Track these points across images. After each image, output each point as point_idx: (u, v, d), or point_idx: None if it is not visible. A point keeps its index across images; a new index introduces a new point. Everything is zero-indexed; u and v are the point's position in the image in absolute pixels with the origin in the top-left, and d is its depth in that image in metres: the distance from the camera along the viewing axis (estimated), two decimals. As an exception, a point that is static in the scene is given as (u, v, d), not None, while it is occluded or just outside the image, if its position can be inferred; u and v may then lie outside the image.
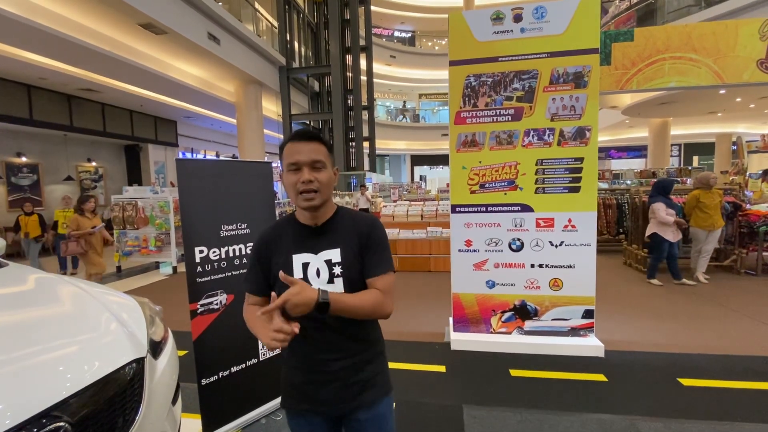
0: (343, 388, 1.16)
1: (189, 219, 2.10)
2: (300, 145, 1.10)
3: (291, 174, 1.10)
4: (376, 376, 1.22)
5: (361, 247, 1.16)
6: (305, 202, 1.10)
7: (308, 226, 1.17)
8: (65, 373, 1.23)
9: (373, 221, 1.21)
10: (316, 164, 1.10)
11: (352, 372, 1.17)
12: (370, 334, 1.23)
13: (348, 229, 1.18)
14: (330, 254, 1.14)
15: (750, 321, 3.88)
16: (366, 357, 1.20)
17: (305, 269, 1.14)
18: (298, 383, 1.18)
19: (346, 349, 1.16)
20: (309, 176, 1.08)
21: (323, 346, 1.15)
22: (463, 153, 3.31)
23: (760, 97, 11.03)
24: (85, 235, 5.04)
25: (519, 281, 3.31)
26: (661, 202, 5.04)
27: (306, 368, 1.17)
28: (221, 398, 2.20)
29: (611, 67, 3.17)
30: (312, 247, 1.15)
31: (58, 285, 1.87)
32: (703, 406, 2.46)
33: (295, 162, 1.09)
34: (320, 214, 1.16)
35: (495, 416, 2.41)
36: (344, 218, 1.20)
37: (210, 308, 2.15)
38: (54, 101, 9.28)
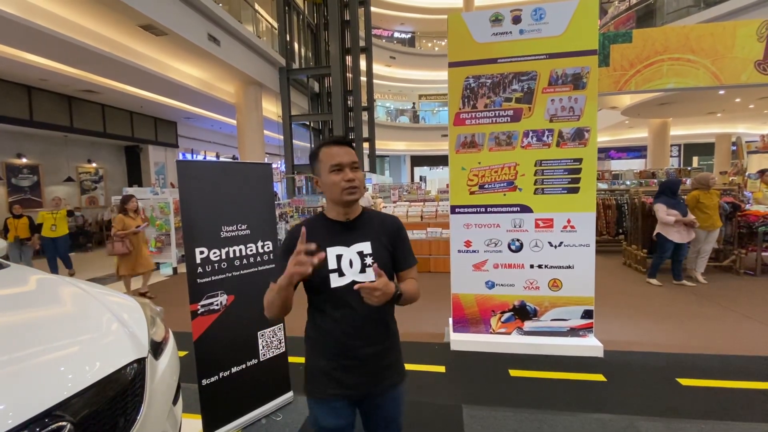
0: (370, 373, 1.28)
1: (189, 220, 2.11)
2: (340, 149, 1.25)
3: (334, 174, 1.24)
4: (397, 361, 1.36)
5: (390, 241, 1.32)
6: (350, 196, 1.24)
7: (339, 221, 1.30)
8: (67, 374, 1.24)
9: (398, 220, 1.39)
10: (354, 165, 1.26)
11: (378, 358, 1.29)
12: (391, 323, 1.37)
13: (376, 226, 1.32)
14: (361, 247, 1.28)
15: (749, 321, 3.89)
16: (389, 344, 1.33)
17: (339, 260, 1.26)
18: (328, 369, 1.28)
19: (374, 336, 1.29)
20: (352, 175, 1.23)
21: (355, 333, 1.26)
22: (463, 154, 3.32)
23: (759, 97, 11.04)
24: (130, 234, 5.09)
25: (518, 282, 3.32)
26: (661, 202, 5.04)
27: (337, 354, 1.27)
28: (221, 398, 2.21)
29: (610, 68, 3.18)
30: (344, 240, 1.28)
31: (59, 286, 1.88)
32: (701, 405, 2.47)
33: (339, 163, 1.23)
34: (353, 210, 1.30)
35: (494, 416, 2.42)
36: (371, 216, 1.36)
37: (210, 309, 2.16)
38: (54, 102, 9.29)
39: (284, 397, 2.54)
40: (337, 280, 1.25)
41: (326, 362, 1.28)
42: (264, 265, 2.42)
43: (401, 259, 1.34)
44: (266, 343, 2.42)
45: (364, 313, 1.24)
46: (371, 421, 1.37)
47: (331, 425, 1.29)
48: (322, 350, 1.29)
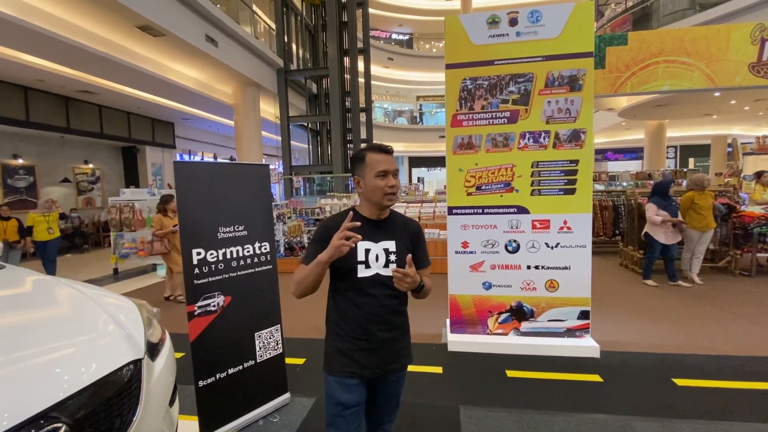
0: (386, 354, 1.45)
1: (186, 221, 2.11)
2: (386, 156, 1.41)
3: (379, 179, 1.39)
4: (408, 345, 1.54)
5: (412, 242, 1.49)
6: (389, 201, 1.41)
7: (371, 220, 1.45)
8: (63, 375, 1.24)
9: (419, 225, 1.57)
10: (396, 172, 1.42)
11: (393, 342, 1.46)
12: (405, 311, 1.52)
13: (400, 227, 1.50)
14: (387, 244, 1.44)
15: (744, 321, 3.91)
16: (403, 329, 1.51)
17: (367, 254, 1.41)
18: (347, 350, 1.43)
19: (392, 322, 1.45)
20: (395, 182, 1.41)
21: (375, 319, 1.41)
22: (460, 155, 3.33)
23: (754, 99, 11.12)
24: (168, 234, 5.10)
25: (515, 283, 3.33)
26: (653, 203, 5.08)
27: (358, 337, 1.42)
28: (218, 400, 2.20)
29: (606, 70, 3.20)
30: (374, 237, 1.43)
31: (55, 287, 1.87)
32: (697, 405, 2.49)
33: (385, 170, 1.39)
34: (385, 212, 1.47)
35: (491, 417, 2.43)
36: (397, 218, 1.53)
37: (207, 310, 2.16)
38: (51, 103, 9.26)
39: (281, 398, 2.54)
40: (364, 271, 1.41)
41: (347, 344, 1.42)
42: (261, 266, 2.42)
43: (419, 259, 1.50)
44: (263, 344, 2.42)
45: (385, 302, 1.42)
46: (376, 397, 1.52)
47: (346, 399, 1.42)
48: (344, 333, 1.43)
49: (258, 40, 10.73)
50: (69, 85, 8.59)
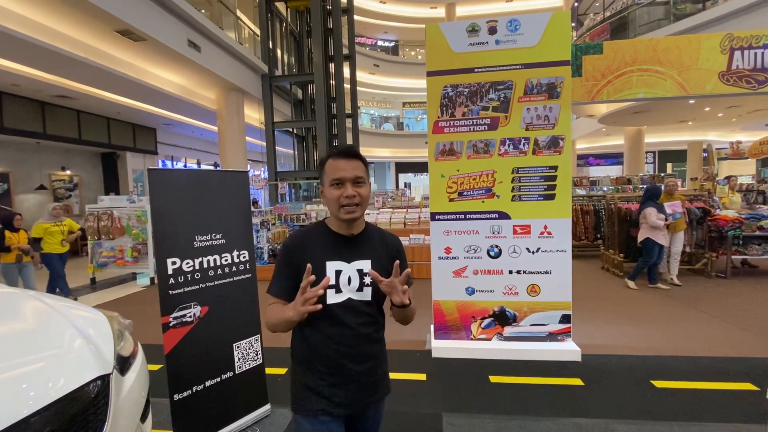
0: (360, 389, 1.25)
1: (161, 229, 2.06)
2: (343, 162, 1.20)
3: (334, 189, 1.19)
4: (384, 375, 1.34)
5: (390, 262, 1.24)
6: (347, 215, 1.19)
7: (342, 235, 1.26)
8: (28, 391, 1.19)
9: (399, 240, 1.38)
10: (358, 180, 1.20)
11: (369, 373, 1.27)
12: (382, 337, 1.34)
13: (377, 244, 1.30)
14: (362, 264, 1.24)
15: (719, 322, 4.01)
16: (379, 360, 1.31)
17: (338, 276, 1.22)
18: (317, 386, 1.23)
19: (367, 353, 1.26)
20: (352, 191, 1.18)
21: (348, 351, 1.22)
22: (442, 161, 3.35)
23: (727, 106, 11.53)
24: None
25: (498, 288, 3.35)
26: (651, 207, 5.18)
27: (327, 371, 1.22)
28: (195, 413, 2.14)
29: (582, 78, 3.27)
30: (345, 256, 1.24)
31: (21, 300, 1.80)
32: (674, 407, 2.53)
33: (340, 178, 1.18)
34: (356, 225, 1.26)
35: (474, 423, 2.42)
36: (373, 233, 1.33)
37: (183, 321, 2.11)
38: (26, 108, 8.99)
39: (262, 410, 2.48)
40: (334, 297, 1.21)
41: (316, 379, 1.23)
42: (240, 275, 2.38)
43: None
44: (242, 355, 2.37)
45: (360, 330, 1.23)
46: None
47: None
48: (312, 366, 1.24)
49: (242, 45, 10.66)
50: (45, 89, 8.36)
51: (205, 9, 9.48)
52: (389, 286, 1.16)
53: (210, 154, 16.47)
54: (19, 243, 5.08)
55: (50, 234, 5.49)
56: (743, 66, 3.19)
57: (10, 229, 5.13)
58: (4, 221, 5.17)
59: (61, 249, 5.61)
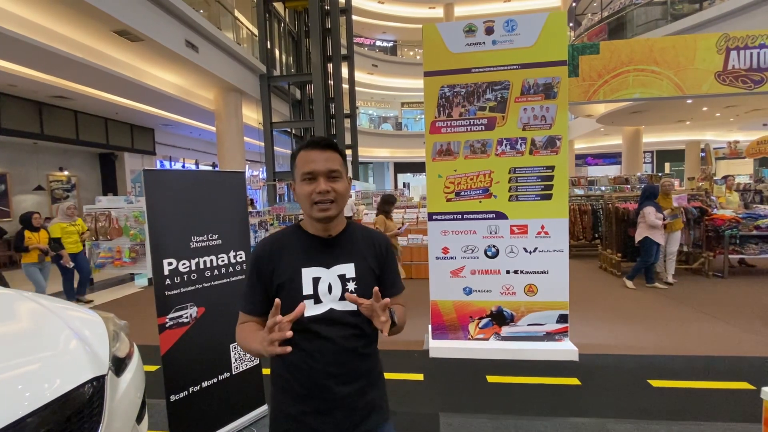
0: (348, 415, 1.07)
1: (157, 230, 2.06)
2: (315, 153, 1.05)
3: (305, 184, 1.05)
4: (381, 398, 1.16)
5: (378, 263, 1.13)
6: (321, 213, 1.04)
7: (319, 237, 1.10)
8: (24, 392, 1.20)
9: (387, 239, 1.20)
10: (333, 173, 1.05)
11: (357, 397, 1.08)
12: (375, 350, 1.15)
13: (362, 244, 1.13)
14: (343, 269, 1.08)
15: (716, 322, 4.02)
16: (371, 379, 1.12)
17: (316, 284, 1.06)
18: (298, 414, 1.06)
19: (355, 371, 1.08)
20: (325, 186, 1.03)
21: (331, 370, 1.05)
22: (439, 162, 3.35)
23: (725, 106, 11.55)
24: (393, 236, 4.85)
25: (495, 287, 3.35)
26: (650, 206, 5.17)
27: (308, 396, 1.06)
28: (192, 414, 2.14)
29: (579, 78, 3.28)
30: (324, 260, 1.08)
31: (16, 301, 1.80)
32: (671, 406, 2.53)
33: (311, 171, 1.04)
34: (333, 225, 1.11)
35: (471, 423, 2.42)
36: (357, 232, 1.16)
37: (179, 322, 2.10)
38: (24, 109, 8.97)
39: (259, 410, 2.48)
40: (312, 308, 1.05)
41: (296, 406, 1.06)
42: (236, 275, 2.38)
43: (389, 284, 1.16)
44: (239, 355, 2.37)
45: (344, 344, 1.06)
46: None
47: None
48: (291, 391, 1.07)
49: (240, 45, 10.65)
50: (43, 90, 8.34)
51: (202, 9, 9.47)
52: (369, 310, 0.99)
53: (208, 154, 16.45)
54: (39, 243, 5.04)
55: (67, 234, 5.47)
56: (739, 66, 3.20)
57: (30, 229, 5.06)
58: (23, 221, 5.11)
59: (77, 248, 5.61)
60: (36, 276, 5.07)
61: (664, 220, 5.12)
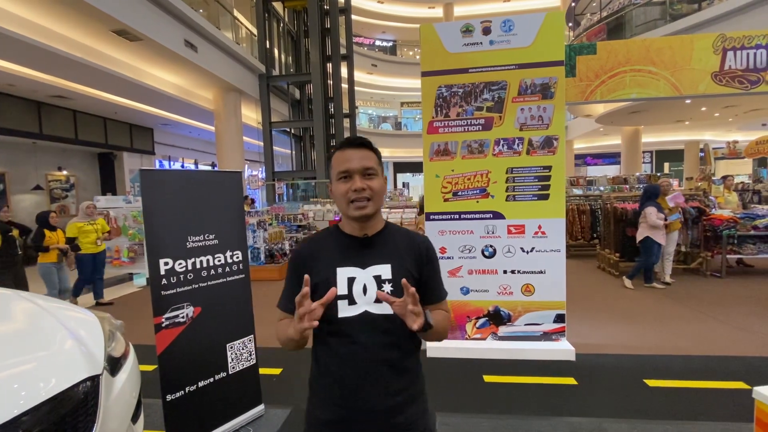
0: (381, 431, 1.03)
1: (153, 230, 2.07)
2: (350, 152, 1.04)
3: (341, 183, 1.04)
4: (418, 420, 1.07)
5: (419, 266, 1.08)
6: (357, 211, 1.03)
7: (356, 237, 1.09)
8: (19, 391, 1.20)
9: (429, 241, 1.16)
10: (368, 171, 1.04)
11: (393, 413, 1.02)
12: (414, 366, 1.09)
13: (401, 245, 1.09)
14: (379, 270, 1.05)
15: (714, 321, 4.03)
16: (408, 396, 1.05)
17: (350, 284, 1.03)
18: (329, 423, 1.04)
19: (389, 384, 1.02)
20: (361, 184, 1.02)
21: (364, 378, 1.01)
22: (436, 162, 3.36)
23: (724, 106, 11.56)
24: None
25: (492, 287, 3.36)
26: (652, 206, 5.17)
27: (340, 404, 1.03)
28: (188, 414, 2.14)
29: (576, 78, 3.28)
30: (360, 260, 1.06)
31: (13, 301, 1.80)
32: (667, 406, 2.54)
33: (346, 170, 1.03)
34: (371, 225, 1.08)
35: (467, 423, 2.43)
36: (396, 233, 1.13)
37: (176, 321, 2.11)
38: (22, 108, 8.96)
39: (255, 410, 2.48)
40: (347, 309, 1.02)
41: (327, 413, 1.04)
42: (233, 275, 2.38)
43: (430, 289, 1.10)
44: (236, 355, 2.37)
45: (379, 353, 1.01)
46: None
47: None
48: (324, 395, 1.05)
49: (239, 45, 10.66)
50: (41, 89, 8.34)
51: (201, 9, 9.47)
52: (401, 308, 0.94)
53: (207, 154, 16.44)
54: (58, 242, 5.00)
55: (84, 233, 5.32)
56: (736, 66, 3.20)
57: (48, 228, 5.00)
58: (41, 220, 5.04)
59: (96, 248, 5.47)
60: (51, 276, 5.00)
61: (666, 220, 5.12)
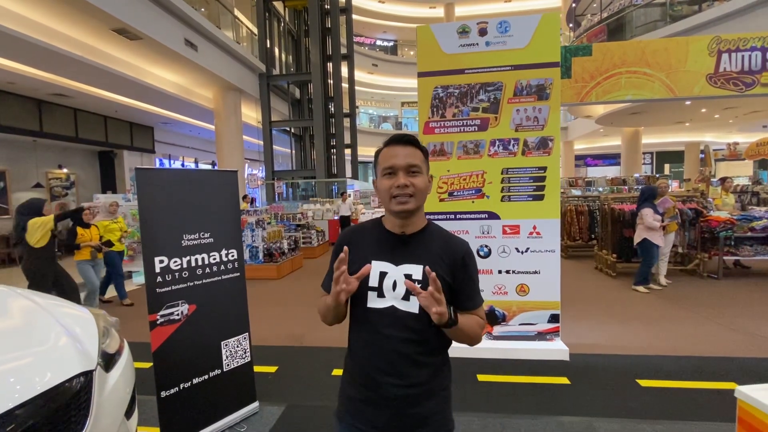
0: (399, 417, 1.06)
1: (149, 228, 2.09)
2: (397, 149, 1.06)
3: (386, 179, 1.06)
4: (440, 413, 1.10)
5: (452, 272, 1.08)
6: (399, 206, 1.04)
7: (394, 234, 1.11)
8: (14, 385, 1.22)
9: (468, 247, 1.14)
10: (412, 168, 1.05)
11: (409, 403, 1.06)
12: (437, 362, 1.11)
13: (437, 248, 1.09)
14: (411, 269, 1.06)
15: (708, 323, 4.04)
16: (427, 389, 1.07)
17: (381, 279, 1.07)
18: (356, 399, 1.11)
19: (407, 376, 1.05)
20: (404, 180, 1.03)
21: (382, 366, 1.06)
22: (432, 162, 3.37)
23: (724, 107, 11.56)
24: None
25: (487, 287, 3.37)
26: (648, 208, 5.17)
27: (364, 384, 1.09)
28: (182, 410, 2.17)
29: (572, 80, 3.30)
30: (394, 257, 1.08)
31: (9, 298, 1.82)
32: (658, 405, 2.56)
33: (391, 166, 1.05)
34: (410, 223, 1.09)
35: (459, 421, 2.40)
36: (435, 234, 1.13)
37: (170, 319, 2.13)
38: (23, 106, 9.00)
39: (249, 407, 2.51)
40: (375, 301, 1.07)
41: (355, 390, 1.11)
42: (228, 273, 2.40)
43: (464, 296, 1.10)
44: (230, 353, 2.40)
45: (400, 347, 1.05)
46: None
47: None
48: (352, 374, 1.14)
49: (239, 44, 10.68)
50: (42, 88, 8.37)
51: (202, 8, 9.50)
52: (427, 300, 0.96)
53: (207, 152, 16.47)
54: (91, 240, 4.97)
55: (110, 231, 5.32)
56: (730, 68, 3.22)
57: (81, 225, 4.98)
58: (74, 218, 4.99)
59: (120, 246, 5.46)
60: (89, 273, 4.99)
61: (663, 222, 5.13)
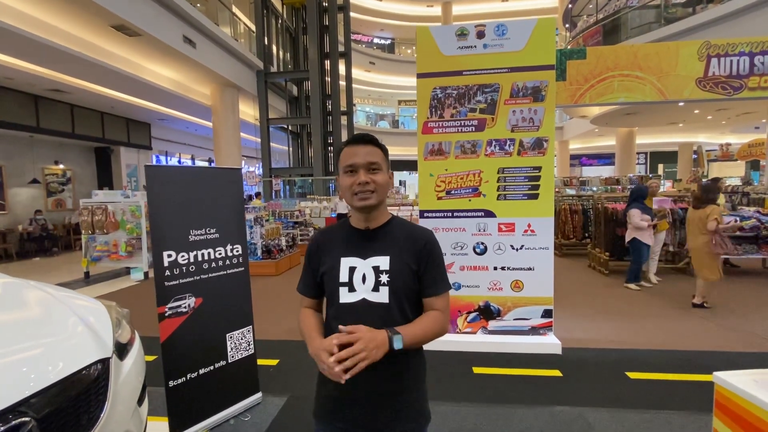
0: (374, 411, 1.10)
1: (158, 224, 2.16)
2: (356, 148, 1.12)
3: (347, 176, 1.11)
4: (416, 403, 1.15)
5: (417, 259, 1.12)
6: (360, 202, 1.10)
7: (360, 230, 1.17)
8: (29, 373, 1.28)
9: (430, 235, 1.18)
10: (372, 166, 1.11)
11: (386, 395, 1.10)
12: (410, 353, 1.13)
13: (401, 239, 1.15)
14: (378, 261, 1.12)
15: (697, 319, 4.17)
16: (401, 383, 1.12)
17: (351, 273, 1.12)
18: (333, 395, 1.12)
19: (382, 370, 1.04)
20: (365, 178, 1.09)
21: None
22: (430, 161, 3.46)
23: (716, 109, 11.75)
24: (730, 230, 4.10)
25: (483, 283, 3.47)
26: (636, 208, 5.30)
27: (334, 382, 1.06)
28: (189, 400, 2.24)
29: (566, 82, 3.40)
30: (361, 251, 1.14)
31: (25, 290, 1.89)
32: (646, 396, 2.67)
33: (352, 164, 1.10)
34: (374, 217, 1.16)
35: (456, 411, 2.54)
36: (398, 227, 1.18)
37: (178, 311, 2.20)
38: (19, 102, 8.97)
39: (253, 397, 2.59)
40: (347, 296, 1.11)
41: (331, 388, 1.11)
42: (233, 268, 2.48)
43: (428, 282, 1.13)
44: (235, 345, 2.47)
45: None
46: None
47: None
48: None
49: (237, 41, 10.69)
50: (39, 83, 8.35)
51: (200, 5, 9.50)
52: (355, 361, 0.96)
53: (204, 149, 16.46)
54: None
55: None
56: (719, 73, 3.33)
57: None
58: None
59: None
60: None
61: (651, 221, 5.26)
